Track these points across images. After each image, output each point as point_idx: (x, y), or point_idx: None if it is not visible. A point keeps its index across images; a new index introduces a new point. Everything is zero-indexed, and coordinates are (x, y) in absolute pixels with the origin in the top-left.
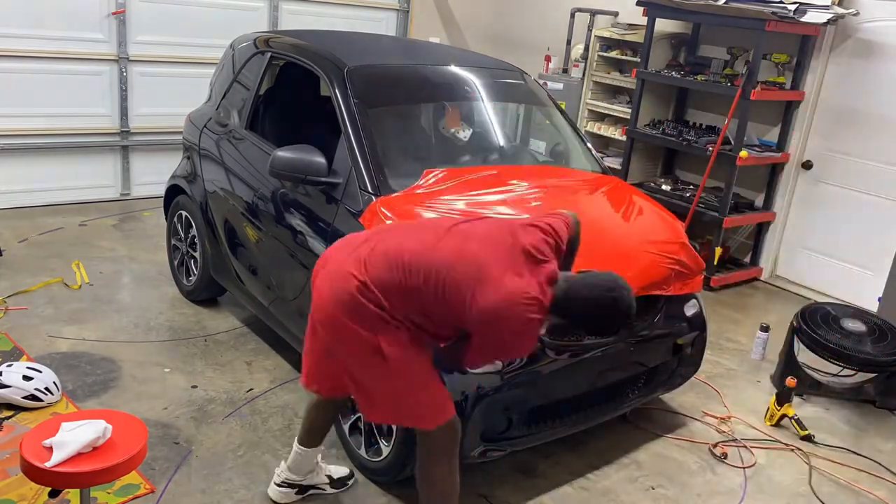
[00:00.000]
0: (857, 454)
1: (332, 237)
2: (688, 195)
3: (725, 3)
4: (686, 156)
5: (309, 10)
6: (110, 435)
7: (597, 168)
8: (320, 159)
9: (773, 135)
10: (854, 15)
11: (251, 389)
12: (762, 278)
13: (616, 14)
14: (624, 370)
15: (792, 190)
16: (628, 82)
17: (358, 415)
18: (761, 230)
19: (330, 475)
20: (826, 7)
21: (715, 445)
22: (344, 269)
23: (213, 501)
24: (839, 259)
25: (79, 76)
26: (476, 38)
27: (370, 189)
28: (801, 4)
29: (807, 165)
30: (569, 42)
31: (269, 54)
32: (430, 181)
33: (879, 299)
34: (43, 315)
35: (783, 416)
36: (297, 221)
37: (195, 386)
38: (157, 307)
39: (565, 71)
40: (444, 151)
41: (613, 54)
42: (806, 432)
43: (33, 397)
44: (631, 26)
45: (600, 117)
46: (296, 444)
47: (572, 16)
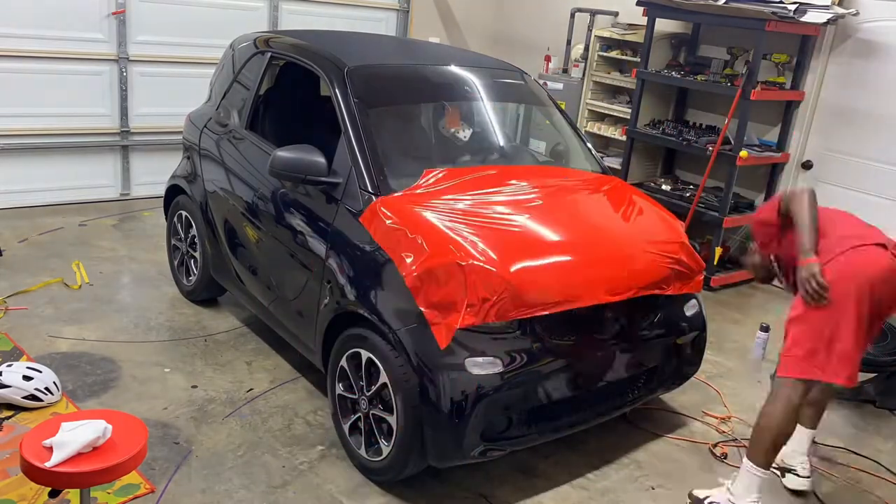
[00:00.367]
0: (858, 454)
1: (332, 237)
2: (688, 195)
3: (725, 3)
4: (686, 156)
5: (309, 10)
6: (110, 435)
7: (597, 168)
8: (320, 159)
9: (773, 135)
10: (854, 15)
11: (251, 389)
12: None
13: (616, 14)
14: (624, 370)
15: None
16: (628, 82)
17: (358, 415)
18: None
19: None
20: (826, 7)
21: (715, 445)
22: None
23: (213, 501)
24: None
25: (79, 76)
26: (476, 38)
27: (370, 189)
28: (801, 4)
29: (807, 165)
30: (569, 42)
31: (269, 54)
32: (430, 181)
33: None
34: (43, 315)
35: None
36: (297, 221)
37: (195, 386)
38: (157, 307)
39: (565, 71)
40: (444, 151)
41: (613, 54)
42: None
43: (33, 397)
44: (631, 26)
45: (600, 117)
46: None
47: (572, 16)
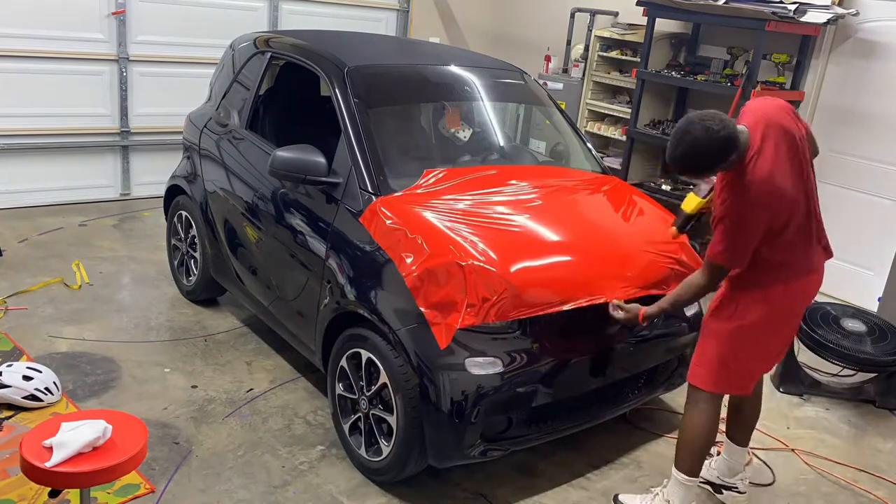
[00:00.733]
0: (857, 454)
1: (332, 237)
2: None
3: (725, 3)
4: None
5: (309, 10)
6: (110, 435)
7: (597, 168)
8: (320, 159)
9: None
10: (854, 15)
11: (251, 389)
12: None
13: (616, 14)
14: (624, 370)
15: None
16: (628, 82)
17: (358, 415)
18: None
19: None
20: (826, 7)
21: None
22: None
23: (213, 501)
24: (839, 259)
25: (79, 76)
26: (476, 38)
27: (370, 189)
28: (801, 4)
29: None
30: (569, 42)
31: (269, 54)
32: (430, 181)
33: (879, 299)
34: (43, 315)
35: None
36: (297, 221)
37: (195, 386)
38: (157, 307)
39: (565, 71)
40: (444, 151)
41: (613, 54)
42: None
43: (33, 397)
44: (631, 26)
45: (600, 117)
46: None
47: (572, 16)
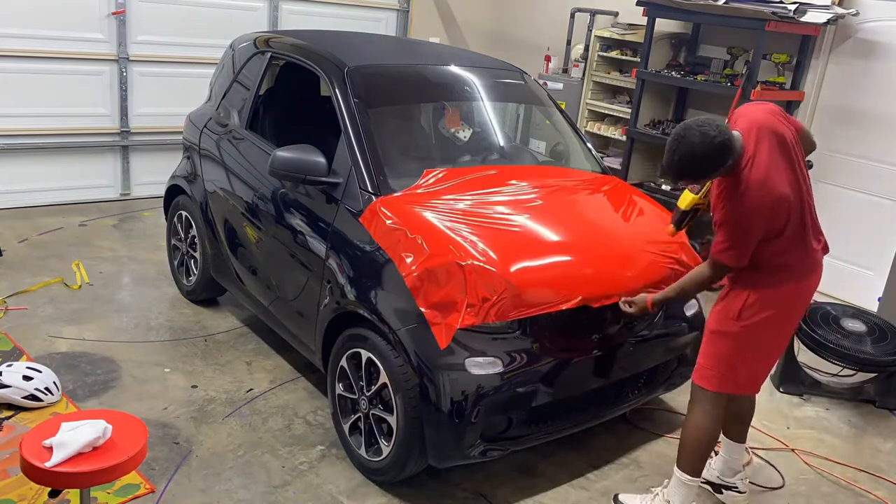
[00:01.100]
0: (857, 454)
1: (332, 237)
2: None
3: (725, 3)
4: None
5: (309, 10)
6: (110, 435)
7: (597, 168)
8: (320, 159)
9: None
10: (854, 15)
11: (251, 389)
12: None
13: (616, 14)
14: (624, 370)
15: None
16: (628, 82)
17: (358, 415)
18: None
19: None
20: (826, 7)
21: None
22: None
23: (213, 501)
24: (839, 259)
25: (79, 76)
26: (476, 39)
27: (370, 189)
28: (801, 4)
29: (806, 165)
30: (569, 42)
31: (269, 54)
32: (430, 181)
33: (879, 299)
34: (43, 315)
35: None
36: (297, 221)
37: (195, 386)
38: (157, 307)
39: (565, 71)
40: (444, 151)
41: (613, 54)
42: None
43: (33, 397)
44: (631, 26)
45: (600, 117)
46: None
47: (572, 16)
